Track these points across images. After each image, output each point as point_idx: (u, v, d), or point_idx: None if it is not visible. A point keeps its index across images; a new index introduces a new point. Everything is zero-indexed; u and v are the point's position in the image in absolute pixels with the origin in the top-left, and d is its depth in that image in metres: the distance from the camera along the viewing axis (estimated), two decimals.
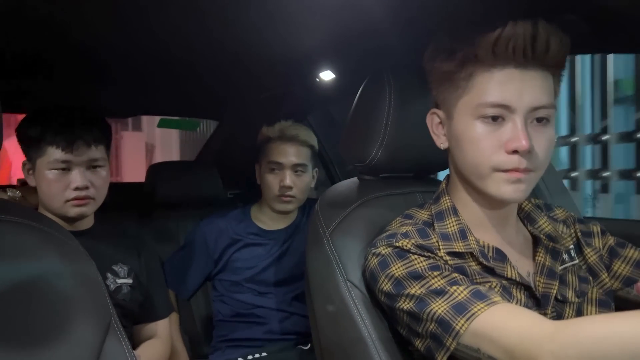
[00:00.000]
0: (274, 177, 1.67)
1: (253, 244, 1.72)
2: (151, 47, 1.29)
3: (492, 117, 0.84)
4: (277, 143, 1.68)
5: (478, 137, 0.86)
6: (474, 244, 0.90)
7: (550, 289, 0.91)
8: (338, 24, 1.10)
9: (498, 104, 0.84)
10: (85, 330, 0.74)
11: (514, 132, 0.83)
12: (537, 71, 0.84)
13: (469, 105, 0.87)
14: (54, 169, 1.29)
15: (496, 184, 0.86)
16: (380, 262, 0.90)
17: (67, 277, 0.77)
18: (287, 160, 1.66)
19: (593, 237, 1.01)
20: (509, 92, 0.83)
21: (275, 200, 1.68)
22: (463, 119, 0.88)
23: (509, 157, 0.84)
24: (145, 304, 1.46)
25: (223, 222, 1.74)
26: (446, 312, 0.79)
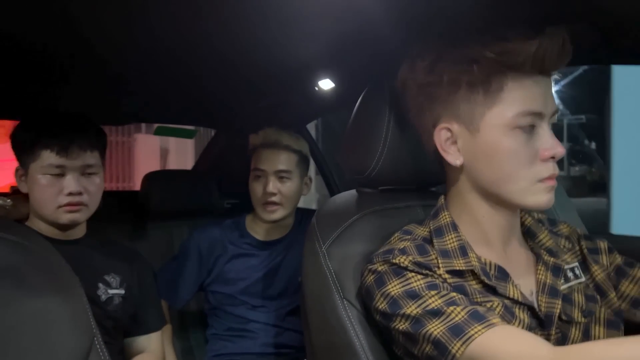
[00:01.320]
0: (258, 184, 1.62)
1: (247, 254, 1.68)
2: (148, 54, 1.26)
3: (529, 126, 0.82)
4: (260, 150, 1.64)
5: (515, 149, 0.83)
6: (475, 261, 0.86)
7: (553, 308, 0.86)
8: (337, 32, 1.07)
9: (533, 112, 0.82)
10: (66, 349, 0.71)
11: (547, 139, 0.83)
12: (550, 77, 0.84)
13: (501, 116, 0.83)
14: (48, 173, 1.27)
15: (535, 194, 0.84)
16: (376, 280, 0.86)
17: (49, 295, 0.72)
18: (269, 166, 1.61)
19: (600, 254, 0.97)
20: (540, 99, 0.82)
21: (260, 208, 1.63)
22: (496, 131, 0.83)
23: (546, 165, 0.83)
24: (137, 316, 1.42)
25: (217, 231, 1.70)
26: (442, 333, 0.75)
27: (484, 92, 0.83)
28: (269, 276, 1.66)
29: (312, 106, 1.83)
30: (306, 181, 1.71)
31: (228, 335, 1.64)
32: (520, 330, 0.78)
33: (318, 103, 1.74)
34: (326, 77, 1.47)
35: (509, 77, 0.82)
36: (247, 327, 1.63)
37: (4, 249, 0.73)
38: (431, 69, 0.86)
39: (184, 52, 1.24)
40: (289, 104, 1.79)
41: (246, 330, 1.63)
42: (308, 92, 1.60)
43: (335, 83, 1.50)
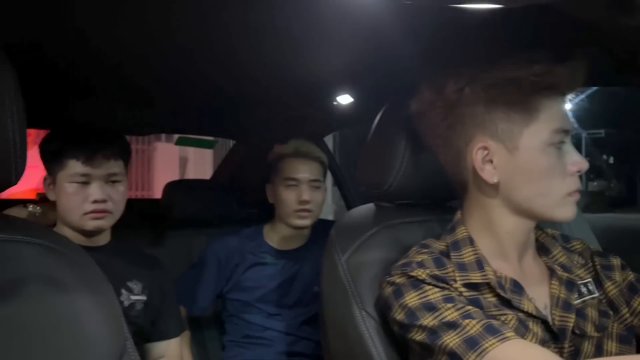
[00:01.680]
0: (291, 193, 1.66)
1: (264, 263, 1.71)
2: (172, 67, 1.30)
3: (560, 143, 0.87)
4: (291, 159, 1.68)
5: (551, 165, 0.86)
6: (491, 275, 0.88)
7: (567, 322, 0.88)
8: (357, 49, 1.10)
9: (565, 129, 0.87)
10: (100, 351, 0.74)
11: (574, 154, 0.87)
12: None
13: (539, 133, 0.86)
14: (74, 181, 1.31)
15: (564, 207, 0.88)
16: (394, 291, 0.88)
17: (85, 301, 0.76)
18: (304, 175, 1.66)
19: (613, 271, 0.98)
20: (566, 116, 0.88)
21: (292, 215, 1.66)
22: (534, 148, 0.86)
23: (573, 179, 0.88)
24: (158, 321, 1.45)
25: (235, 240, 1.73)
26: (457, 345, 0.77)
27: (522, 111, 0.86)
28: (286, 285, 1.69)
29: (330, 120, 1.86)
30: None
31: (244, 343, 1.67)
32: (533, 344, 0.80)
33: (336, 117, 1.77)
34: (345, 92, 1.50)
35: (544, 96, 0.85)
36: (263, 335, 1.65)
37: (42, 255, 0.76)
38: (465, 90, 0.88)
39: (206, 65, 1.27)
40: (307, 117, 1.82)
41: (262, 338, 1.65)
42: (327, 106, 1.63)
43: (354, 98, 1.53)
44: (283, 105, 1.74)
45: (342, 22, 0.94)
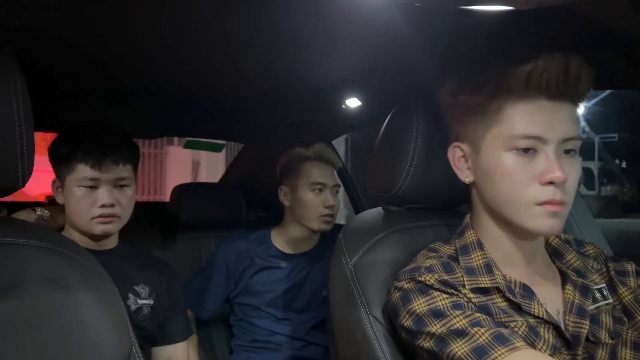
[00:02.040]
0: (317, 197, 1.67)
1: (273, 267, 1.71)
2: (181, 72, 1.30)
3: (524, 149, 0.83)
4: (317, 163, 1.69)
5: (511, 170, 0.84)
6: (500, 279, 0.87)
7: (581, 329, 0.86)
8: (365, 54, 1.10)
9: (530, 136, 0.82)
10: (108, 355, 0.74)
11: (548, 164, 0.82)
12: (566, 103, 0.84)
13: (499, 137, 0.85)
14: (82, 186, 1.31)
15: (533, 218, 0.84)
16: (402, 297, 0.87)
17: (91, 305, 0.76)
18: (329, 181, 1.69)
19: (628, 277, 0.96)
20: (541, 123, 0.82)
21: (317, 220, 1.67)
22: (493, 151, 0.86)
23: (544, 189, 0.82)
24: (165, 325, 1.45)
25: (244, 243, 1.73)
26: (466, 354, 0.76)
27: (485, 113, 0.86)
28: (295, 289, 1.69)
29: (338, 123, 1.86)
30: None
31: (252, 347, 1.67)
32: (543, 355, 0.78)
33: (344, 120, 1.77)
34: (353, 96, 1.50)
35: (509, 99, 0.84)
36: (272, 340, 1.65)
37: (48, 258, 0.77)
38: (451, 92, 0.91)
39: (216, 70, 1.28)
40: (316, 121, 1.82)
41: (270, 343, 1.65)
42: (335, 109, 1.63)
43: (362, 102, 1.53)
44: (292, 109, 1.75)
45: (350, 26, 0.94)
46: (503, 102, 0.84)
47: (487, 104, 0.86)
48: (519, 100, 0.83)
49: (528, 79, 0.81)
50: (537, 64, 0.80)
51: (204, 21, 0.94)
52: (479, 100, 0.86)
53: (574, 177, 0.84)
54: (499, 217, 0.89)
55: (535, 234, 0.87)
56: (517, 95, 0.83)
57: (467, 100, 0.88)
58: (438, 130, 1.01)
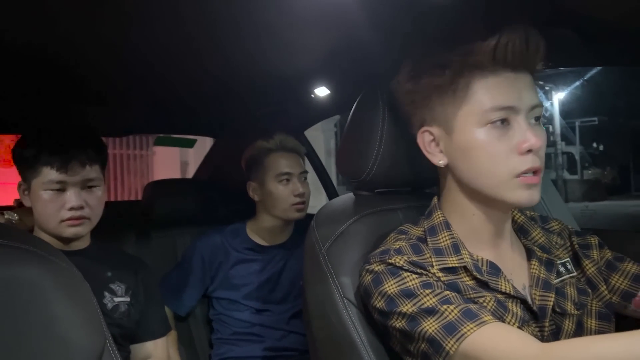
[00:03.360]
0: (285, 188, 1.69)
1: (249, 259, 1.73)
2: (146, 65, 1.30)
3: (500, 121, 0.86)
4: (280, 154, 1.71)
5: (488, 144, 0.86)
6: (468, 258, 0.90)
7: (547, 301, 0.90)
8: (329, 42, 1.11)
9: (503, 107, 0.85)
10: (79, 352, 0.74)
11: (523, 132, 0.85)
12: (526, 73, 0.87)
13: (471, 114, 0.87)
14: (49, 189, 1.30)
15: (513, 190, 0.86)
16: (373, 279, 0.89)
17: (60, 301, 0.76)
18: (295, 169, 1.70)
19: (591, 250, 1.01)
20: (510, 93, 0.85)
21: (290, 210, 1.69)
22: (468, 129, 0.88)
23: (523, 158, 0.85)
24: (142, 322, 1.45)
25: (219, 237, 1.75)
26: (437, 331, 0.79)
27: (453, 93, 0.88)
28: (272, 280, 1.71)
29: (309, 113, 1.88)
30: None
31: (233, 340, 1.69)
32: (511, 327, 0.81)
33: (315, 109, 1.79)
34: (322, 84, 1.52)
35: (476, 76, 0.86)
36: (252, 331, 1.67)
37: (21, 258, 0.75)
38: (412, 77, 0.93)
39: (182, 63, 1.28)
40: (286, 112, 1.84)
41: (251, 334, 1.67)
42: (305, 99, 1.65)
43: (330, 90, 1.55)
44: (261, 101, 1.76)
45: (312, 14, 0.96)
46: (470, 79, 0.87)
47: (453, 83, 0.88)
48: (485, 74, 0.86)
49: (495, 52, 0.84)
50: (500, 37, 0.83)
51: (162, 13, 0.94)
52: (445, 81, 0.88)
53: (543, 143, 0.87)
54: (475, 196, 0.92)
55: (515, 206, 0.90)
56: (483, 70, 0.86)
57: (432, 83, 0.90)
58: None
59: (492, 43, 0.83)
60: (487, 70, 0.86)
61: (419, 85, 0.92)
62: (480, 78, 0.86)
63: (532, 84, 0.88)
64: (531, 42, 0.84)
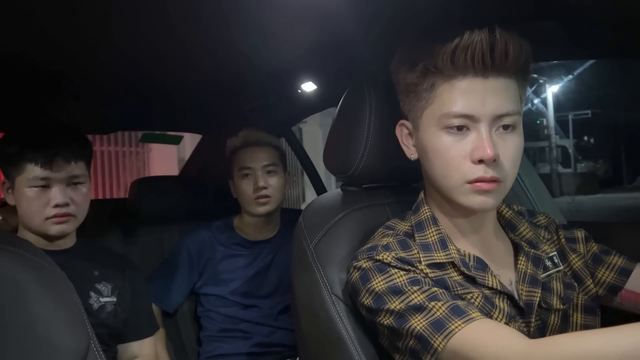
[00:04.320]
0: (247, 182, 1.70)
1: (236, 255, 1.74)
2: (131, 62, 1.30)
3: (457, 127, 0.86)
4: (243, 150, 1.73)
5: (444, 148, 0.87)
6: (455, 253, 0.91)
7: (533, 297, 0.91)
8: (314, 37, 1.12)
9: (461, 114, 0.85)
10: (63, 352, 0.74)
11: (478, 142, 0.84)
12: (499, 79, 0.85)
13: (433, 116, 0.88)
14: (33, 186, 1.30)
15: (465, 195, 0.87)
16: (361, 276, 0.90)
17: (45, 301, 0.76)
18: (257, 163, 1.71)
19: (577, 243, 1.02)
20: (472, 101, 0.84)
21: (252, 204, 1.70)
22: (428, 130, 0.90)
23: (475, 167, 0.85)
24: (130, 322, 1.45)
25: (205, 233, 1.76)
26: (425, 328, 0.80)
27: (419, 93, 0.90)
28: (260, 276, 1.72)
29: (296, 108, 1.89)
30: (286, 176, 1.80)
31: (221, 337, 1.69)
32: (498, 323, 0.82)
33: (302, 105, 1.80)
34: (308, 79, 1.53)
35: (440, 78, 0.86)
36: (240, 327, 1.69)
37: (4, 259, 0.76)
38: (393, 71, 0.96)
39: (167, 59, 1.28)
40: (273, 108, 1.84)
41: (239, 330, 1.68)
42: (291, 95, 1.66)
43: (317, 85, 1.56)
44: (247, 97, 1.76)
45: (297, 9, 0.96)
46: (434, 81, 0.87)
47: (420, 82, 0.89)
48: (449, 78, 0.86)
49: (453, 57, 0.83)
50: (460, 41, 0.82)
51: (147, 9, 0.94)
52: (414, 79, 0.90)
53: (510, 153, 0.86)
54: (439, 193, 0.94)
55: (469, 210, 0.90)
56: (447, 73, 0.85)
57: (405, 79, 0.92)
58: (391, 109, 1.03)
59: (451, 47, 0.83)
60: (449, 74, 0.85)
61: (398, 80, 0.95)
62: (443, 81, 0.86)
63: (504, 90, 0.86)
64: (498, 47, 0.82)
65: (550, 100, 17.21)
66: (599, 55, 1.17)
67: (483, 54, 0.82)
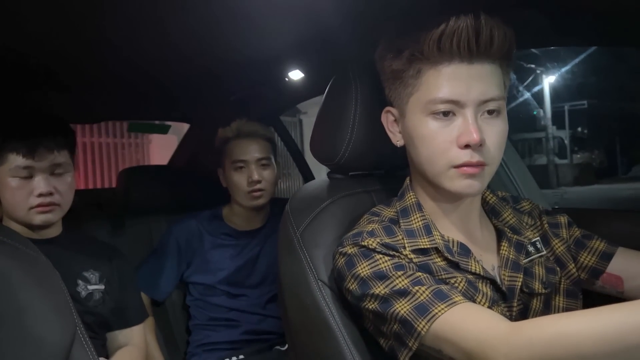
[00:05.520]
0: (241, 175, 1.71)
1: (225, 244, 1.76)
2: (118, 51, 1.30)
3: (443, 113, 0.88)
4: (237, 141, 1.73)
5: (430, 134, 0.89)
6: (439, 239, 0.93)
7: (515, 282, 0.94)
8: (300, 25, 1.13)
9: (447, 100, 0.87)
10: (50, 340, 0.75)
11: (464, 127, 0.87)
12: (484, 64, 0.88)
13: (419, 102, 0.90)
14: (16, 176, 1.31)
15: (450, 179, 0.90)
16: (346, 262, 0.92)
17: (30, 289, 0.77)
18: (251, 156, 1.71)
19: (560, 228, 1.05)
20: (457, 87, 0.87)
21: (245, 197, 1.71)
22: (415, 116, 0.92)
23: (461, 152, 0.87)
24: (118, 310, 1.47)
25: (194, 222, 1.78)
26: (408, 312, 0.82)
27: (405, 79, 0.91)
28: (249, 265, 1.74)
29: (284, 97, 1.90)
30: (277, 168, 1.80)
31: (210, 325, 1.72)
32: (480, 307, 0.84)
33: (290, 93, 1.81)
34: (295, 68, 1.54)
35: (426, 65, 0.88)
36: (229, 316, 1.71)
37: None
38: (379, 58, 0.97)
39: (152, 48, 1.29)
40: (261, 96, 1.86)
41: (228, 320, 1.71)
42: (279, 83, 1.67)
43: (304, 73, 1.57)
44: (235, 86, 1.77)
45: None
46: (420, 67, 0.89)
47: (407, 69, 0.91)
48: (435, 64, 0.87)
49: (439, 43, 0.85)
50: (446, 27, 0.84)
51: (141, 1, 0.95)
52: (400, 66, 0.92)
53: (495, 138, 0.89)
54: (425, 179, 0.96)
55: (454, 194, 0.92)
56: (433, 60, 0.87)
57: (390, 66, 0.94)
58: (377, 96, 1.05)
59: (437, 34, 0.85)
60: (434, 60, 0.87)
61: (383, 67, 0.96)
62: (429, 67, 0.88)
63: (489, 75, 0.88)
64: (483, 33, 0.85)
65: (547, 91, 17.23)
66: (581, 43, 1.19)
67: (469, 39, 0.84)
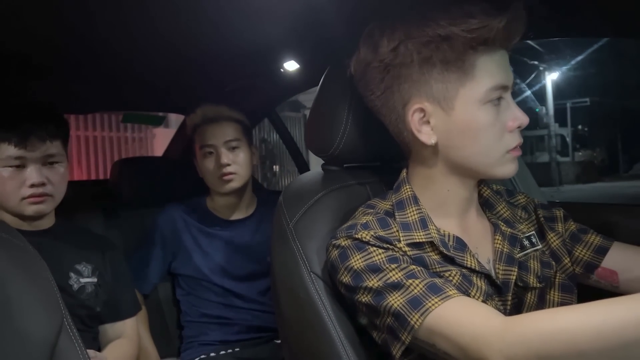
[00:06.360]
0: (210, 160, 1.69)
1: (212, 234, 1.75)
2: (111, 40, 1.30)
3: (497, 99, 0.90)
4: (204, 127, 1.70)
5: (489, 123, 0.90)
6: (435, 233, 0.93)
7: (510, 276, 0.94)
8: (295, 14, 1.12)
9: (501, 85, 0.89)
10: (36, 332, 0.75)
11: (514, 110, 0.91)
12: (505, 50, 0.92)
13: (475, 91, 0.89)
14: (8, 166, 1.31)
15: (504, 165, 0.93)
16: (340, 254, 0.92)
17: (15, 280, 0.77)
18: (218, 139, 1.68)
19: (556, 222, 1.05)
20: (504, 72, 0.90)
21: (217, 182, 1.69)
22: (468, 107, 0.89)
23: (513, 136, 0.91)
24: (111, 302, 1.47)
25: (178, 212, 1.76)
26: (402, 306, 0.82)
27: (457, 69, 0.88)
28: (237, 257, 1.72)
29: (279, 88, 1.90)
30: (253, 150, 1.78)
31: (203, 323, 1.71)
32: (474, 301, 0.84)
33: (285, 85, 1.81)
34: (290, 58, 1.54)
35: (480, 52, 0.88)
36: (222, 314, 1.70)
37: None
38: (400, 49, 0.90)
39: (147, 38, 1.29)
40: (256, 87, 1.85)
41: (221, 317, 1.70)
42: (274, 74, 1.66)
43: (299, 64, 1.56)
44: (230, 76, 1.77)
45: None
46: (475, 55, 0.88)
47: (459, 59, 0.88)
48: (488, 51, 0.88)
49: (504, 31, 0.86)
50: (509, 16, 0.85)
51: None
52: (449, 56, 0.87)
53: None
54: (461, 172, 0.95)
55: (501, 178, 0.97)
56: (491, 47, 0.88)
57: (432, 57, 0.88)
58: None
59: (503, 21, 0.85)
60: (491, 48, 0.88)
61: (412, 59, 0.89)
62: (485, 55, 0.88)
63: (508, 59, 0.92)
64: (525, 22, 0.88)
65: (550, 88, 17.22)
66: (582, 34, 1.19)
67: (516, 27, 0.88)
